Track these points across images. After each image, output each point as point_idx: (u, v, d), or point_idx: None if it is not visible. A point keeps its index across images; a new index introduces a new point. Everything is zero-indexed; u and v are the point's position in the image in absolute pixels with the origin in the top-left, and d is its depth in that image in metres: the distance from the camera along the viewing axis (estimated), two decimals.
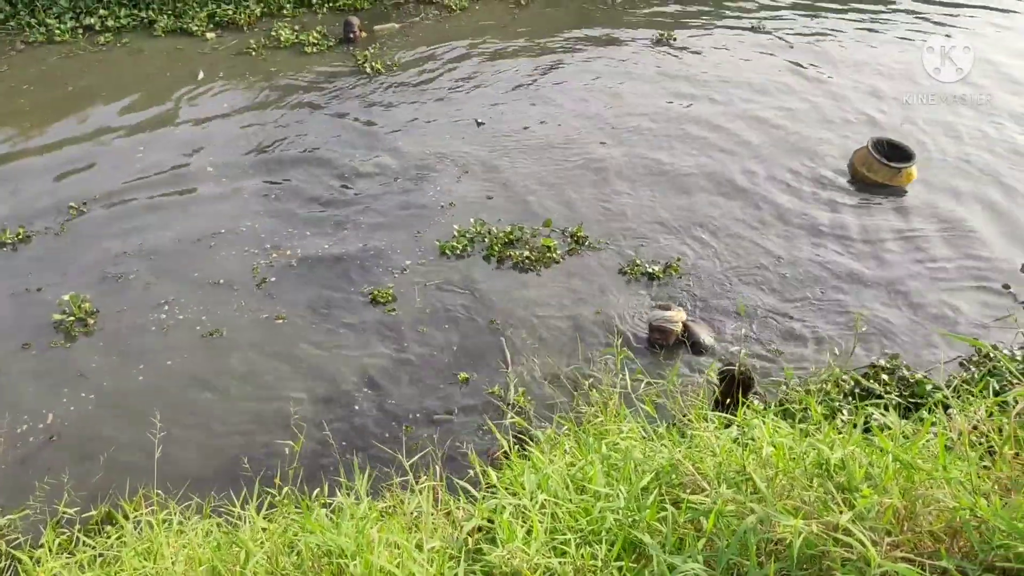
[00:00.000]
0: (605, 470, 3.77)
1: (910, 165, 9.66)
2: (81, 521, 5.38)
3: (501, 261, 8.57)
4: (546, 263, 8.53)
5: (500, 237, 8.77)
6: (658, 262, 8.52)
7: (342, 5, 14.57)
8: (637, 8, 14.78)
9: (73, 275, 8.31)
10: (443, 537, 3.48)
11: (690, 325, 7.51)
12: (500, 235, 8.80)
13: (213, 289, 8.15)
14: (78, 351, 7.49)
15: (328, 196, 9.58)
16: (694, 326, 7.52)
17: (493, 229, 8.92)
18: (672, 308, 7.57)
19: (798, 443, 3.53)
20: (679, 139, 10.84)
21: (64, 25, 13.30)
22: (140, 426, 5.88)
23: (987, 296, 8.06)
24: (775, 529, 2.88)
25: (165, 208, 9.38)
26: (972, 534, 2.79)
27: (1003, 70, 12.54)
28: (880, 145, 9.92)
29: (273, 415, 6.78)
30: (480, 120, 11.19)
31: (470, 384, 7.08)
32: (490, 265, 8.53)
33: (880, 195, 9.58)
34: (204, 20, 13.71)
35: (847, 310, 7.85)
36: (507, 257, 8.59)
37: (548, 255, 8.58)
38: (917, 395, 6.22)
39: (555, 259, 8.58)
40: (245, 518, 4.05)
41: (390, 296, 7.95)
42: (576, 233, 8.87)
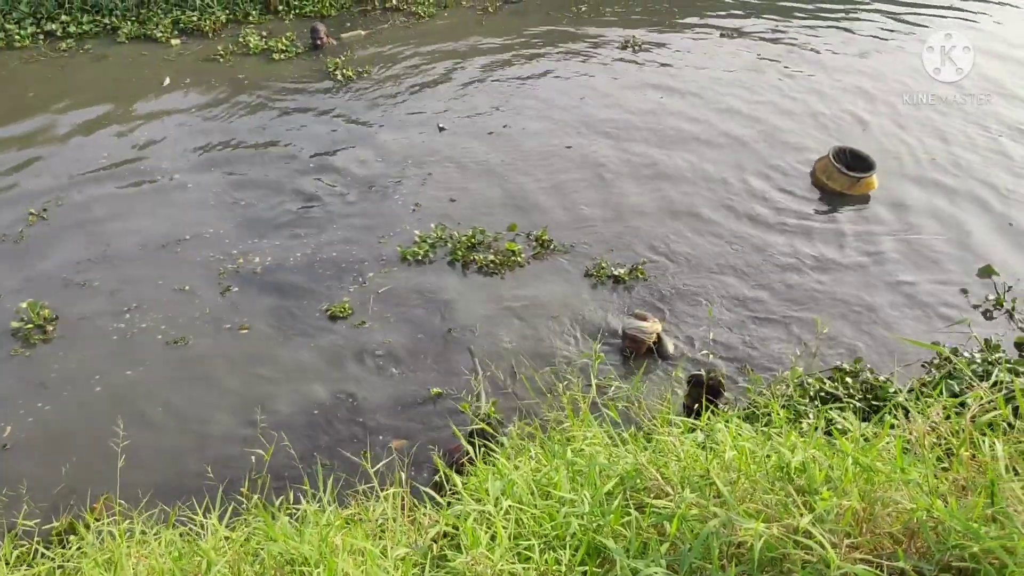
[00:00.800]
0: (570, 475, 3.78)
1: (869, 175, 9.78)
2: (41, 533, 5.28)
3: (466, 266, 8.56)
4: (511, 266, 8.55)
5: (463, 241, 8.76)
6: (623, 265, 8.56)
7: (308, 12, 14.50)
8: (603, 15, 14.87)
9: (37, 282, 8.18)
10: (408, 543, 3.47)
11: (663, 336, 7.51)
12: (463, 239, 8.79)
13: (177, 296, 8.05)
14: (38, 359, 7.36)
15: (295, 203, 9.51)
16: (665, 336, 7.54)
17: (455, 233, 8.90)
18: (648, 319, 7.52)
19: (761, 447, 3.57)
20: (647, 143, 10.92)
21: (24, 31, 13.10)
22: (103, 435, 5.80)
23: (949, 298, 8.18)
24: (737, 532, 2.90)
25: (129, 214, 9.26)
26: (928, 535, 2.84)
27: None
28: (843, 154, 10.03)
29: (237, 425, 6.70)
30: (442, 125, 11.19)
31: (439, 398, 7.04)
32: (455, 270, 8.52)
33: (845, 203, 9.68)
34: (168, 26, 13.56)
35: (811, 312, 7.93)
36: (472, 262, 8.57)
37: (513, 259, 8.59)
38: (879, 398, 6.30)
39: (520, 263, 8.59)
40: (208, 527, 4.00)
41: (349, 309, 7.84)
42: (541, 237, 8.89)
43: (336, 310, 7.86)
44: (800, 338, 7.65)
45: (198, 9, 13.99)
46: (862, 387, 6.58)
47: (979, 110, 11.81)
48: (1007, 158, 10.66)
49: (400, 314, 7.92)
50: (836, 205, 9.68)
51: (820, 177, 9.97)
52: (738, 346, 7.59)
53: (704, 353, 7.48)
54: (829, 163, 9.85)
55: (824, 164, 9.98)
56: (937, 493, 3.05)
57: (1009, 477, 2.97)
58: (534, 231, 9.02)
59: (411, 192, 9.75)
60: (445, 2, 15.17)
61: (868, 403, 6.29)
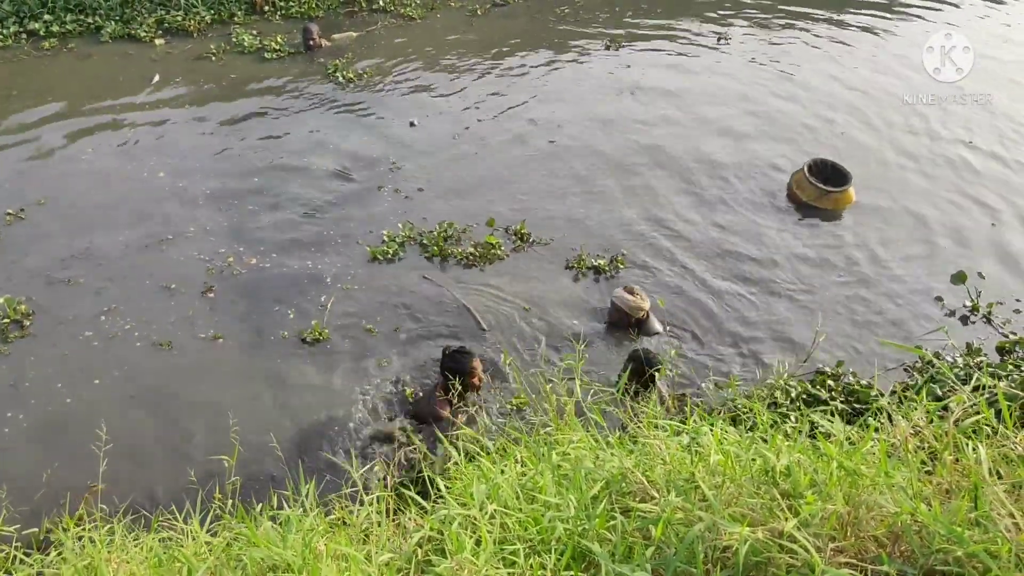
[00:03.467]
0: (556, 479, 3.77)
1: (841, 190, 9.62)
2: (22, 539, 5.21)
3: (445, 259, 8.63)
4: (491, 260, 8.60)
5: (437, 237, 8.81)
6: (603, 256, 8.68)
7: (294, 13, 14.45)
8: (593, 19, 14.94)
9: (18, 281, 8.10)
10: (392, 548, 3.45)
11: (650, 315, 7.68)
12: (436, 234, 8.86)
13: (159, 298, 7.98)
14: (14, 357, 7.29)
15: (292, 205, 9.48)
16: (652, 315, 7.72)
17: (425, 230, 8.96)
18: (637, 293, 7.69)
19: (746, 450, 3.57)
20: (630, 140, 11.00)
21: (7, 30, 12.99)
22: (84, 440, 5.72)
23: (926, 308, 8.21)
24: (722, 536, 2.90)
25: (112, 213, 9.17)
26: (913, 539, 2.84)
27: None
28: (822, 166, 9.92)
29: (217, 431, 6.61)
30: (413, 121, 11.28)
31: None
32: (433, 265, 8.57)
33: (821, 215, 9.65)
34: (152, 26, 13.46)
35: (796, 313, 7.99)
36: (450, 255, 8.64)
37: (492, 252, 8.65)
38: (861, 401, 6.32)
39: (500, 256, 8.66)
40: (188, 533, 3.96)
41: (323, 333, 7.64)
42: (519, 231, 8.96)
43: (305, 335, 7.63)
44: (788, 336, 7.69)
45: (183, 9, 13.90)
46: (844, 391, 6.61)
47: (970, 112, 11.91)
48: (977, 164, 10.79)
49: (386, 315, 7.89)
50: (821, 212, 9.65)
51: (795, 189, 9.88)
52: (715, 339, 7.68)
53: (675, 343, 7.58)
54: (803, 175, 9.75)
55: (799, 176, 9.86)
56: (921, 497, 3.06)
57: (992, 481, 2.98)
58: (513, 225, 9.10)
59: (403, 192, 9.77)
60: (432, 4, 15.16)
61: (850, 406, 6.32)
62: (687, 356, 7.45)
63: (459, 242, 8.82)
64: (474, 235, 8.97)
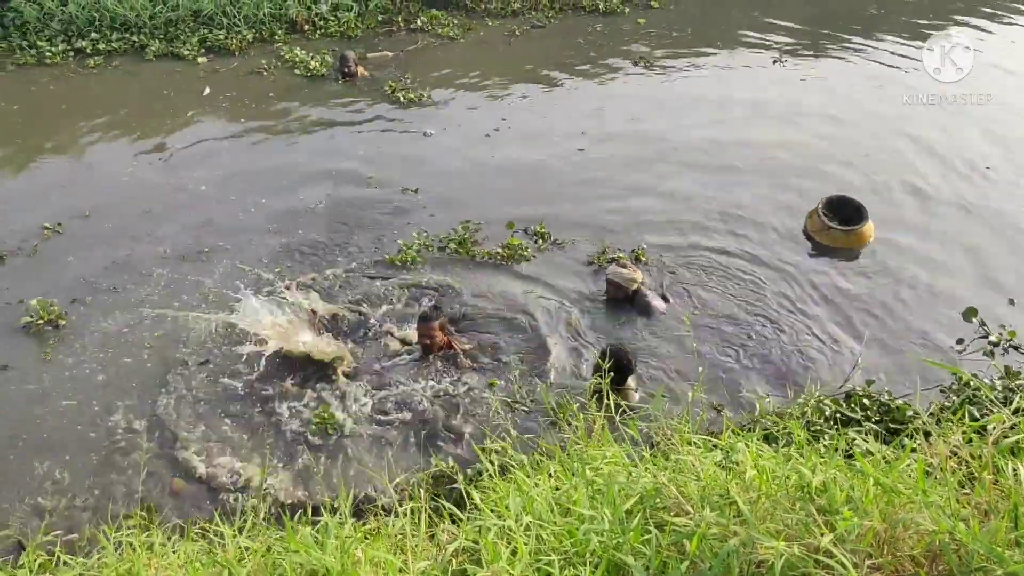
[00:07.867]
0: (590, 494, 3.79)
1: (856, 228, 9.19)
2: (63, 544, 5.33)
3: (473, 258, 8.88)
4: (517, 260, 8.86)
5: (455, 238, 9.07)
6: (623, 250, 8.96)
7: (333, 32, 14.69)
8: (625, 37, 15.10)
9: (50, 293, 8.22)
10: (427, 558, 3.49)
11: (642, 289, 8.05)
12: (456, 237, 9.10)
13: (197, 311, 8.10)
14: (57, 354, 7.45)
15: (330, 221, 9.59)
16: (648, 292, 8.09)
17: (441, 235, 9.18)
18: (629, 267, 8.12)
19: (781, 467, 3.57)
20: (661, 155, 11.09)
21: (55, 48, 13.34)
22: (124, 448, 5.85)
23: (960, 329, 8.07)
24: (757, 551, 2.91)
25: (153, 225, 9.34)
26: (951, 557, 2.83)
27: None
28: (840, 203, 9.51)
29: (258, 440, 6.73)
30: (428, 131, 11.52)
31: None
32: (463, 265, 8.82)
33: (838, 253, 9.33)
34: (196, 45, 13.77)
35: (816, 334, 7.94)
36: (475, 255, 8.91)
37: (520, 252, 8.91)
38: (897, 420, 6.25)
39: (526, 256, 8.91)
40: (225, 537, 4.03)
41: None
42: (539, 231, 9.26)
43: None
44: (816, 356, 7.65)
45: (225, 28, 14.21)
46: (879, 410, 6.53)
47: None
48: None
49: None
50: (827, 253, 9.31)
51: (809, 229, 9.45)
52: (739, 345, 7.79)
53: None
54: (816, 214, 9.36)
55: (812, 215, 9.46)
56: (959, 516, 3.04)
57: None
58: (532, 226, 9.36)
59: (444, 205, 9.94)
60: (470, 25, 15.34)
61: (886, 426, 6.24)
62: (719, 373, 7.43)
63: (478, 243, 9.10)
64: (493, 235, 9.23)
